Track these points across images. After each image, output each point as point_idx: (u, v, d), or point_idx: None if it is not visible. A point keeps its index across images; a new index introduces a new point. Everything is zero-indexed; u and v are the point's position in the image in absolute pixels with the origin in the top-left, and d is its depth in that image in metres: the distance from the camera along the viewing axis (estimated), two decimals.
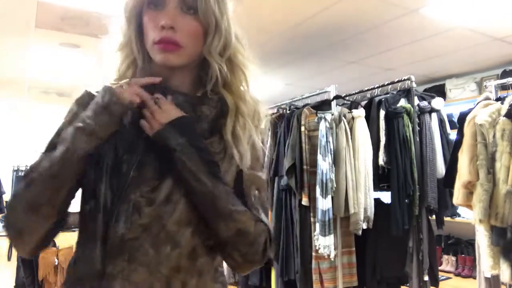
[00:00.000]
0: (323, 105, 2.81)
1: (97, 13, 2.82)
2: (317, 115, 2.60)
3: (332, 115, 2.61)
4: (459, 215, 4.02)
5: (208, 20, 0.72)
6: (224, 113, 0.78)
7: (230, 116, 0.77)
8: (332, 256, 2.39)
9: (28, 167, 0.75)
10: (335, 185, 2.43)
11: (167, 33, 0.70)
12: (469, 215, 2.27)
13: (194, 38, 0.73)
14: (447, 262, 4.37)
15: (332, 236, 2.40)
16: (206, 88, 0.79)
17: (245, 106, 0.80)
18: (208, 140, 0.76)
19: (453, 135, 2.64)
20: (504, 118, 2.03)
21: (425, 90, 4.48)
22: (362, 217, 2.44)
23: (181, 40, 0.71)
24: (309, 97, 3.04)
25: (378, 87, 2.79)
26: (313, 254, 2.51)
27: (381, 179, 2.56)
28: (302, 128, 2.62)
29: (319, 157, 2.45)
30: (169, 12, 0.70)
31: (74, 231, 3.35)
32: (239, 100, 0.80)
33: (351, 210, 2.41)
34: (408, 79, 2.63)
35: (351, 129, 2.55)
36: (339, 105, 2.83)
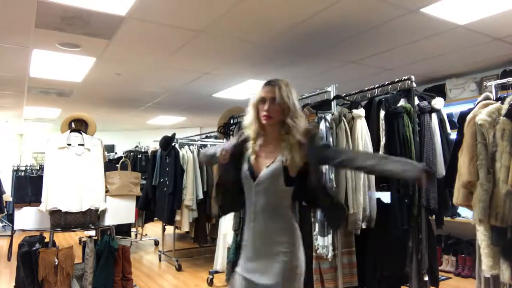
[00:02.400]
0: (323, 105, 2.81)
1: (97, 13, 2.82)
2: (317, 115, 2.60)
3: (332, 115, 2.61)
4: (459, 215, 4.03)
5: (283, 105, 1.62)
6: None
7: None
8: (330, 256, 2.39)
9: None
10: (335, 185, 2.43)
11: (266, 113, 1.63)
12: (469, 215, 2.27)
13: (277, 113, 1.63)
14: (447, 262, 4.37)
15: (331, 236, 2.40)
16: (283, 132, 1.66)
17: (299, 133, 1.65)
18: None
19: (453, 135, 2.64)
20: (504, 118, 2.03)
21: (425, 90, 4.49)
22: (361, 217, 2.44)
23: (271, 114, 1.63)
24: (309, 97, 3.04)
25: (378, 87, 2.79)
26: (313, 254, 2.51)
27: (381, 179, 2.57)
28: None
29: None
30: (267, 105, 1.63)
31: (74, 231, 3.38)
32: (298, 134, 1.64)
33: (351, 210, 2.41)
34: (408, 79, 2.63)
35: (351, 129, 2.55)
36: (339, 105, 2.83)
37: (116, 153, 8.86)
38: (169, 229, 5.31)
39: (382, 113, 2.55)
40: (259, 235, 1.61)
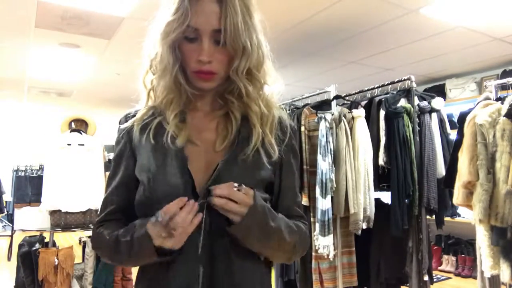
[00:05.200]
0: (323, 105, 2.81)
1: (97, 13, 2.82)
2: (317, 115, 2.59)
3: (332, 115, 2.60)
4: (459, 215, 4.02)
5: (236, 48, 0.82)
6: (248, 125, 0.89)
7: (255, 125, 0.88)
8: (331, 256, 2.39)
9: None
10: (335, 185, 2.43)
11: (205, 66, 0.81)
12: (469, 215, 2.27)
13: (225, 65, 0.84)
14: (447, 262, 4.37)
15: (331, 236, 2.40)
16: (229, 103, 0.89)
17: (262, 112, 0.90)
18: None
19: (453, 135, 2.63)
20: (504, 118, 2.03)
21: (425, 90, 4.49)
22: (361, 217, 2.44)
23: (215, 69, 0.83)
24: (309, 97, 3.04)
25: (378, 87, 2.79)
26: (313, 254, 2.51)
27: (381, 179, 2.56)
28: (302, 128, 2.62)
29: (319, 157, 2.45)
30: (205, 48, 0.80)
31: (74, 231, 3.37)
32: (258, 108, 0.89)
33: (351, 210, 2.41)
34: (408, 79, 2.63)
35: (351, 129, 2.55)
36: (339, 105, 2.83)
37: None
38: None
39: (382, 113, 2.55)
40: None
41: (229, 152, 0.86)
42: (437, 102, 2.69)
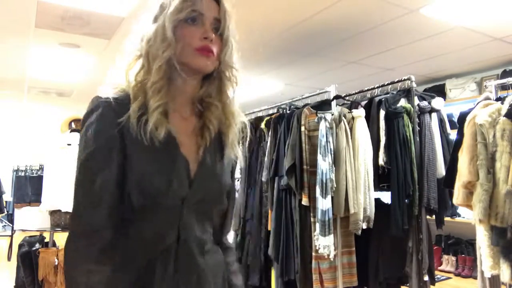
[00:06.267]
0: (323, 105, 2.81)
1: (97, 13, 2.82)
2: (317, 115, 2.59)
3: (332, 115, 2.60)
4: (459, 215, 4.02)
5: (227, 41, 0.90)
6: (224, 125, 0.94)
7: (231, 126, 0.93)
8: (331, 256, 2.39)
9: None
10: (335, 185, 2.43)
11: (209, 43, 0.87)
12: (469, 215, 2.26)
13: (217, 54, 0.89)
14: (447, 262, 4.37)
15: (332, 236, 2.40)
16: (206, 110, 0.92)
17: (235, 124, 0.95)
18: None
19: (453, 135, 2.63)
20: (504, 118, 2.03)
21: (425, 90, 4.49)
22: (361, 217, 2.44)
23: (215, 50, 0.88)
24: (309, 97, 3.04)
25: (378, 87, 2.79)
26: (313, 254, 2.51)
27: (381, 179, 2.56)
28: (302, 128, 2.62)
29: (319, 157, 2.45)
30: (209, 29, 0.87)
31: None
32: (232, 119, 0.94)
33: (351, 210, 2.41)
34: (408, 79, 2.63)
35: (351, 129, 2.55)
36: (339, 105, 2.83)
37: None
38: None
39: (382, 113, 2.55)
40: None
41: (203, 159, 0.89)
42: (437, 102, 2.69)
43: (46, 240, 3.34)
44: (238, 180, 3.42)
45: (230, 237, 3.48)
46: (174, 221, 0.84)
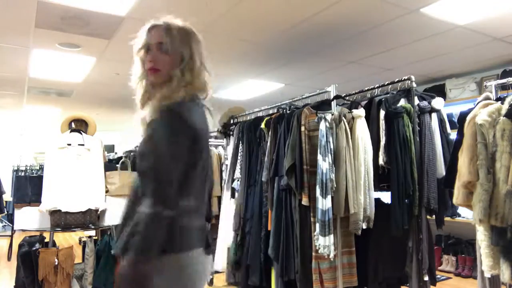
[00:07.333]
0: (323, 105, 2.81)
1: (97, 13, 2.82)
2: (317, 115, 2.59)
3: (332, 115, 2.60)
4: (459, 215, 4.02)
5: (175, 55, 1.28)
6: None
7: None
8: (331, 256, 2.39)
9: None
10: (335, 185, 2.43)
11: (152, 64, 1.29)
12: (469, 215, 2.26)
13: (166, 65, 1.28)
14: (447, 262, 4.37)
15: (332, 236, 2.40)
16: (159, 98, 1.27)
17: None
18: None
19: (453, 135, 2.63)
20: (504, 118, 2.03)
21: (425, 90, 4.49)
22: (361, 217, 2.44)
23: (158, 67, 1.28)
24: (309, 97, 3.04)
25: (378, 87, 2.79)
26: (313, 254, 2.51)
27: (381, 179, 2.56)
28: (302, 128, 2.62)
29: (319, 157, 2.45)
30: (152, 53, 1.32)
31: (74, 231, 3.36)
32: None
33: (351, 210, 2.41)
34: (408, 79, 2.63)
35: (351, 129, 2.55)
36: (339, 105, 2.83)
37: (116, 153, 8.85)
38: None
39: (382, 113, 2.55)
40: None
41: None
42: (437, 102, 2.69)
43: (46, 240, 3.34)
44: (238, 180, 3.42)
45: (230, 237, 3.49)
46: None
